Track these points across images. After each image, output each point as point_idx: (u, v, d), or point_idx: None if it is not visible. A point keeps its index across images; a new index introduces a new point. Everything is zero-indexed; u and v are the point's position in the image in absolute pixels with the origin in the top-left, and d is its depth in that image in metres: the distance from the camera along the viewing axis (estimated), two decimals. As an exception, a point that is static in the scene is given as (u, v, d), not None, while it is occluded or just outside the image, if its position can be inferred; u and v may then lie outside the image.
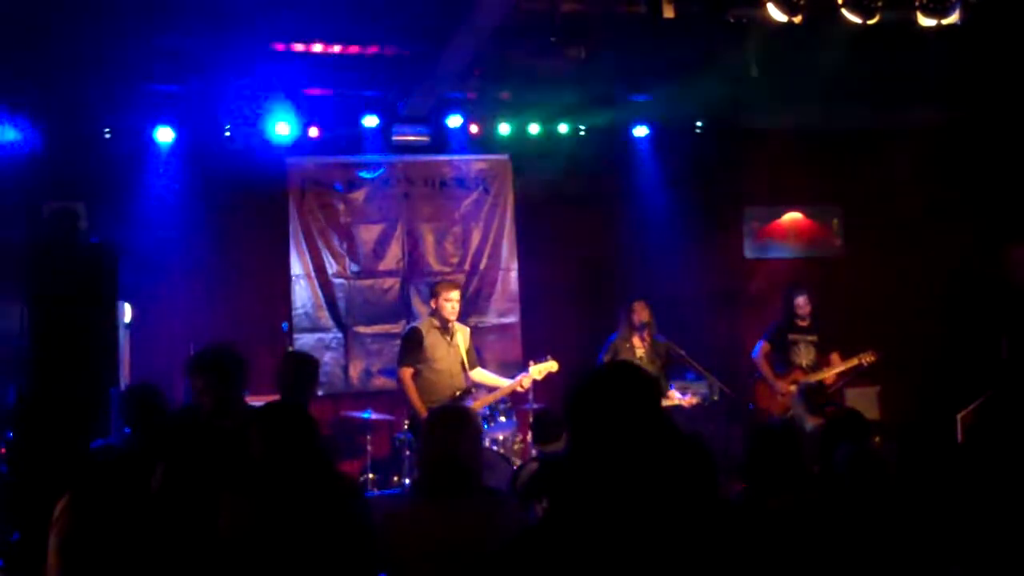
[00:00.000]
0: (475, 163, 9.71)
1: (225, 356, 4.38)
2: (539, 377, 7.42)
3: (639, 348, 8.11)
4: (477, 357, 7.69)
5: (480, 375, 7.54)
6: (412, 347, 7.27)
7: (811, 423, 5.92)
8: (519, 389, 7.48)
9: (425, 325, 7.39)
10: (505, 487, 5.61)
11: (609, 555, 2.13)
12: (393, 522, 3.38)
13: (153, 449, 3.66)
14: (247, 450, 3.47)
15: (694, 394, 8.05)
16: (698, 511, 2.24)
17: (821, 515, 3.68)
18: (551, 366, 7.40)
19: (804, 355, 8.42)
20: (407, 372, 7.21)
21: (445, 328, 7.32)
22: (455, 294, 7.34)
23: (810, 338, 8.45)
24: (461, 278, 9.51)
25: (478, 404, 7.37)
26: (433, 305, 7.38)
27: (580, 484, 2.23)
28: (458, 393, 7.26)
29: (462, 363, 7.37)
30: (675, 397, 7.82)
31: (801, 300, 8.47)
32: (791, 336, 8.46)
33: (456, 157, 9.60)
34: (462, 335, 7.43)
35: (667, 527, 2.16)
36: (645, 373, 2.38)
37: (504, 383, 7.51)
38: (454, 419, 3.53)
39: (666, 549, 2.14)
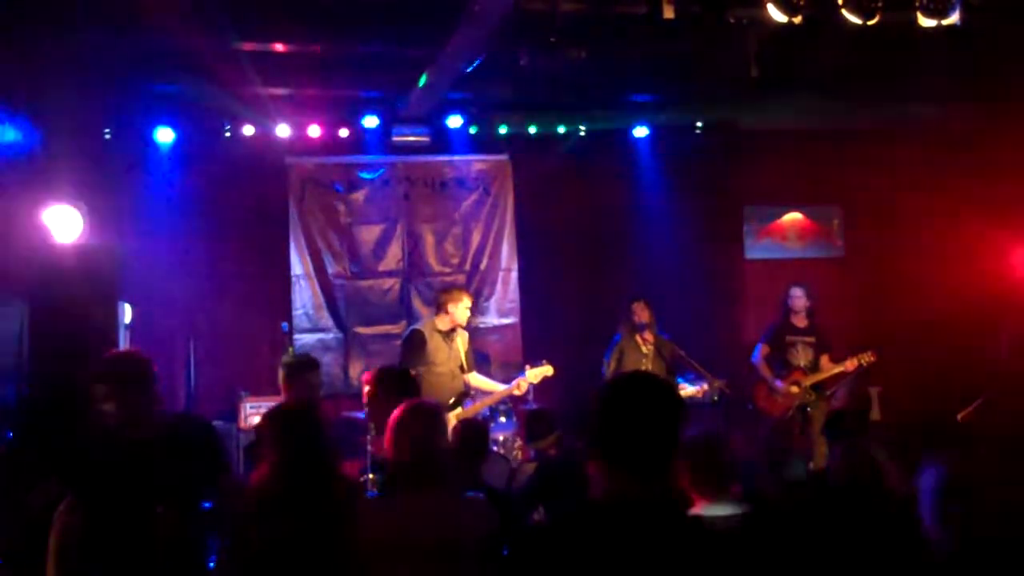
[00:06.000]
0: (475, 163, 9.71)
1: (126, 360, 4.19)
2: (535, 381, 7.44)
3: (644, 347, 8.09)
4: (476, 359, 7.69)
5: (476, 380, 7.49)
6: (414, 349, 7.23)
7: None
8: (516, 393, 7.47)
9: (427, 328, 7.36)
10: (503, 487, 5.62)
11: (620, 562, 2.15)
12: (364, 517, 3.40)
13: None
14: (164, 461, 3.43)
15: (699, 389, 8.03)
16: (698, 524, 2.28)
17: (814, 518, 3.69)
18: (547, 370, 7.42)
19: (802, 356, 8.41)
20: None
21: (448, 332, 7.31)
22: (464, 301, 7.31)
23: (808, 339, 8.45)
24: (462, 278, 9.53)
25: (476, 407, 7.37)
26: (449, 309, 7.28)
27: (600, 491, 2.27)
28: (457, 396, 7.27)
29: (461, 366, 7.37)
30: (688, 389, 7.83)
31: (796, 292, 8.47)
32: (789, 337, 8.46)
33: (456, 157, 9.61)
34: (462, 338, 7.40)
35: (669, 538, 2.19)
36: (667, 384, 2.40)
37: (498, 388, 7.51)
38: (425, 416, 3.57)
39: (666, 552, 2.17)
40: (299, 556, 3.38)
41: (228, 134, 8.87)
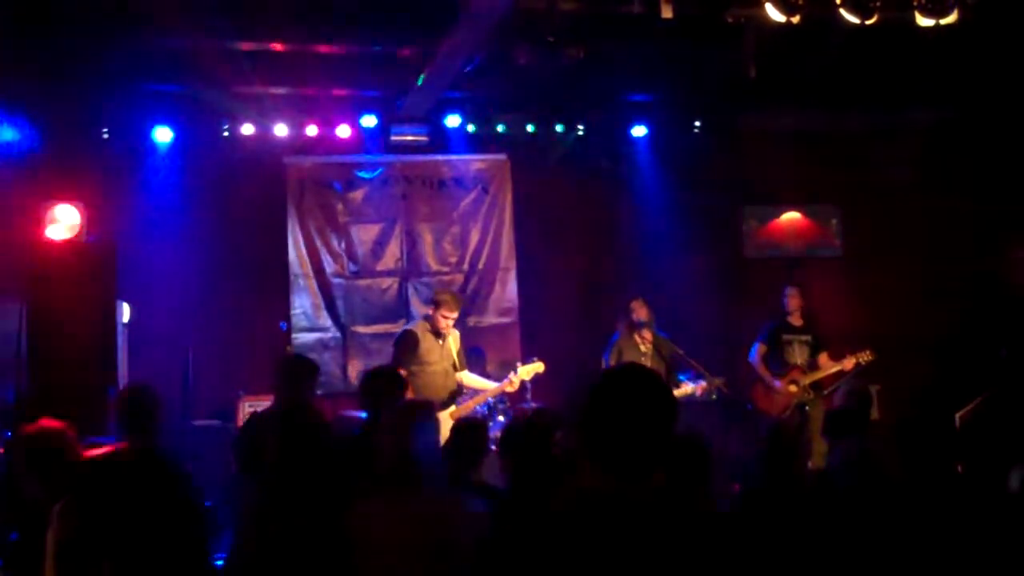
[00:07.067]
0: (473, 163, 9.70)
1: (37, 439, 3.92)
2: (527, 378, 7.49)
3: (642, 346, 8.09)
4: (474, 358, 7.69)
5: (468, 378, 7.54)
6: (407, 350, 7.26)
7: None
8: (508, 389, 7.49)
9: (420, 328, 7.39)
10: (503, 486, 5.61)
11: (607, 553, 2.14)
12: (354, 518, 3.40)
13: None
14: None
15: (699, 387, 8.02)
16: (691, 516, 2.26)
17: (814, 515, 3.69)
18: (538, 367, 7.47)
19: (799, 354, 8.41)
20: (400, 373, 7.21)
21: (438, 332, 7.34)
22: (455, 314, 7.33)
23: (804, 338, 8.45)
24: (460, 278, 9.53)
25: (469, 405, 7.40)
26: (431, 312, 7.37)
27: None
28: (450, 394, 7.29)
29: (454, 364, 7.40)
30: (687, 387, 7.83)
31: (790, 292, 8.49)
32: (786, 336, 8.47)
33: (454, 157, 9.60)
34: (453, 338, 7.46)
35: (661, 530, 2.18)
36: (660, 381, 2.37)
37: (490, 385, 7.56)
38: (414, 416, 3.56)
39: (658, 551, 2.16)
40: (297, 557, 3.37)
41: (227, 134, 8.86)
